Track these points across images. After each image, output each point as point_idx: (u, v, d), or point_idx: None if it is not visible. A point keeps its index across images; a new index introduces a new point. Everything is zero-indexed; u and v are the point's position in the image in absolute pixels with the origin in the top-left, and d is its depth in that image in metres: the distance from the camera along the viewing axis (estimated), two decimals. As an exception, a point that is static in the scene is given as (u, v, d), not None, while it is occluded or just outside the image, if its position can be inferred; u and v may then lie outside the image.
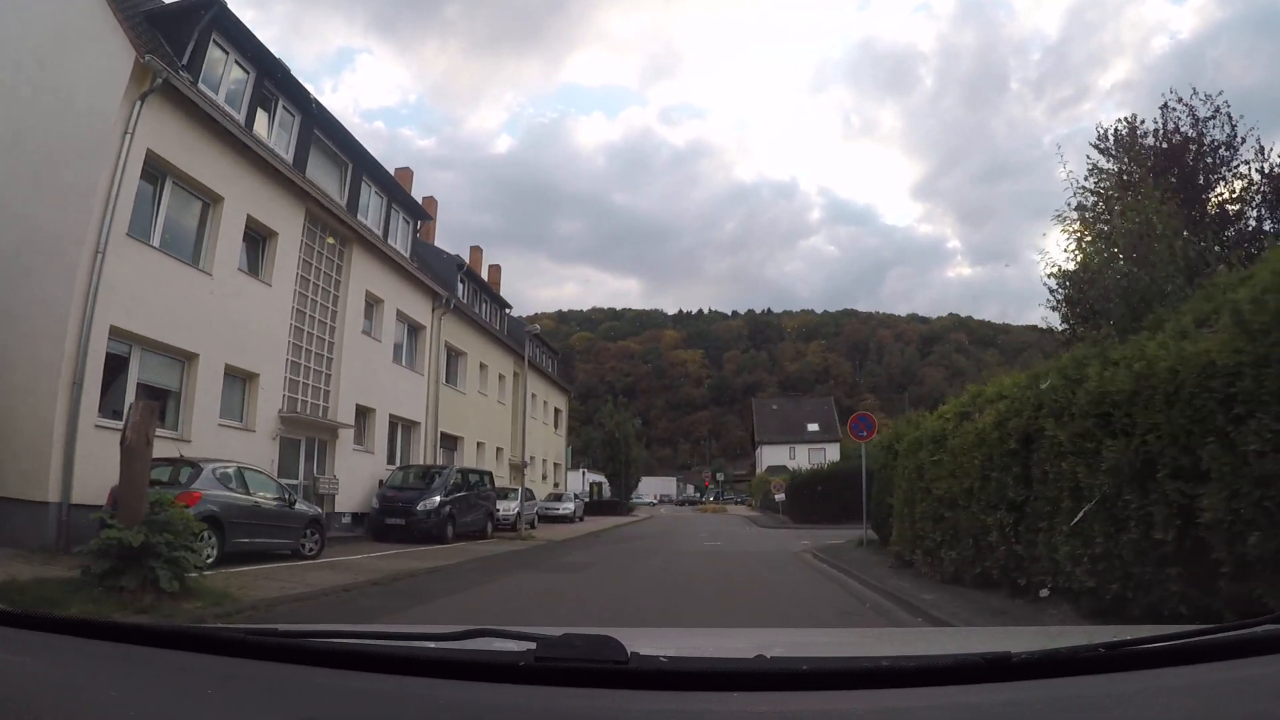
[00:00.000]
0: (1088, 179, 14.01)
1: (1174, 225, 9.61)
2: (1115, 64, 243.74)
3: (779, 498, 33.78)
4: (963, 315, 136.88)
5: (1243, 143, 13.45)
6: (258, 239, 15.50)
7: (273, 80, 15.82)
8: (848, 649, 1.90)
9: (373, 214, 19.80)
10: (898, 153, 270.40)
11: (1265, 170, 13.07)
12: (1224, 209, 13.67)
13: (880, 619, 6.89)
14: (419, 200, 25.56)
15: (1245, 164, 13.36)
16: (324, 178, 17.90)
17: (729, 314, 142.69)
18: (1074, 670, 1.10)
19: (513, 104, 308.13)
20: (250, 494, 10.89)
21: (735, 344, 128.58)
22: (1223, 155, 14.07)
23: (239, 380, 14.63)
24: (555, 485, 37.96)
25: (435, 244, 28.52)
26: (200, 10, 13.41)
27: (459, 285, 25.51)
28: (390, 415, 19.80)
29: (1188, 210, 12.74)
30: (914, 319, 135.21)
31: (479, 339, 26.38)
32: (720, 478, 78.78)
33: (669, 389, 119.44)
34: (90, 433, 10.71)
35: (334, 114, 18.22)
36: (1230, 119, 13.82)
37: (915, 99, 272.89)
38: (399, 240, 21.04)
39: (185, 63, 13.35)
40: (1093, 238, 11.11)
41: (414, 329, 21.59)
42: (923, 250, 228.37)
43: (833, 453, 50.41)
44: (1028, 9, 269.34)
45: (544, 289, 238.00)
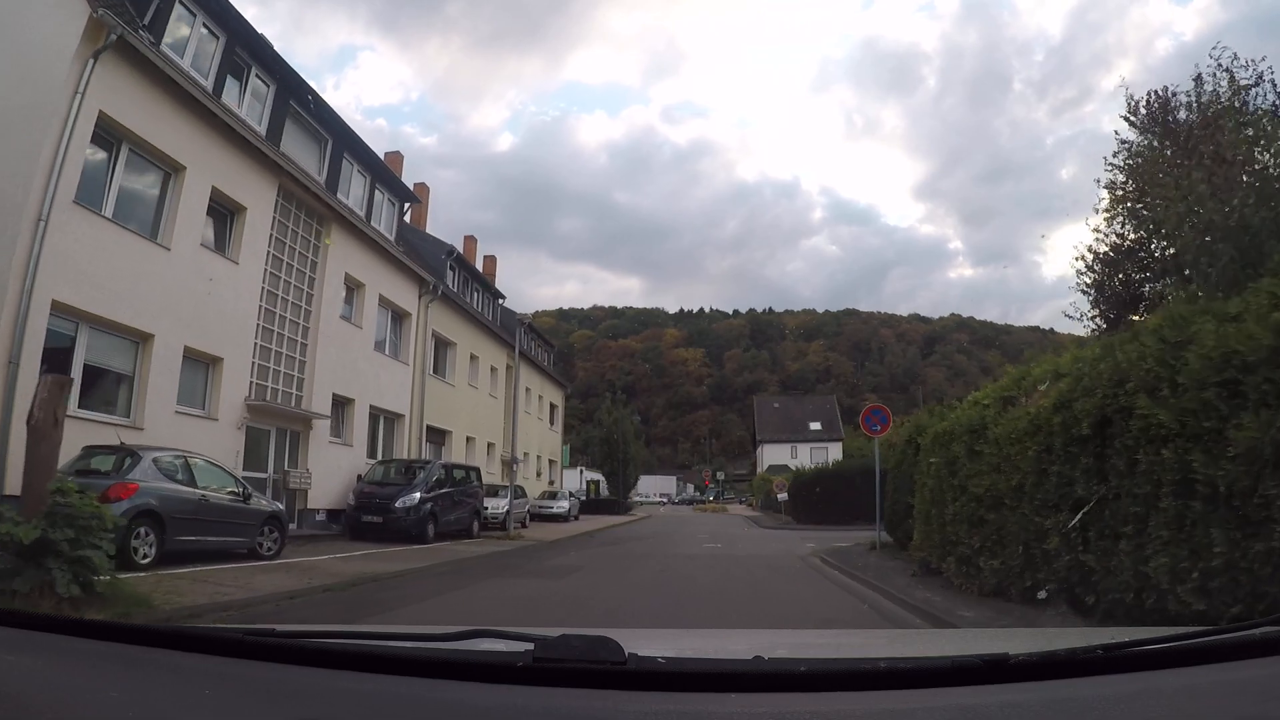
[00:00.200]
0: (1115, 155, 13.82)
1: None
2: (1119, 65, 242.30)
3: (781, 497, 32.68)
4: (965, 315, 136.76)
5: None
6: (225, 214, 14.43)
7: (245, 47, 14.77)
8: (845, 650, 1.84)
9: (354, 194, 18.70)
10: (900, 153, 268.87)
11: None
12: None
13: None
14: (410, 186, 24.51)
15: None
16: (301, 154, 16.81)
17: (730, 313, 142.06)
18: (1072, 672, 1.09)
19: (515, 102, 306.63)
20: (197, 487, 9.77)
21: (736, 343, 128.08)
22: (1265, 128, 13.23)
23: (200, 365, 13.56)
24: (550, 483, 36.88)
25: (430, 235, 27.35)
26: (163, -34, 12.41)
27: (449, 273, 24.39)
28: (371, 406, 18.67)
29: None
30: (916, 319, 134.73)
31: (470, 329, 25.23)
32: (721, 477, 77.61)
33: (669, 388, 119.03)
34: (26, 418, 9.66)
35: (313, 86, 17.13)
36: (1275, 86, 12.94)
37: (918, 99, 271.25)
38: (383, 222, 19.92)
39: (147, 23, 12.49)
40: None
41: (399, 316, 20.44)
42: (924, 251, 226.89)
43: (835, 452, 49.84)
44: (1031, 9, 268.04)
45: (545, 287, 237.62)
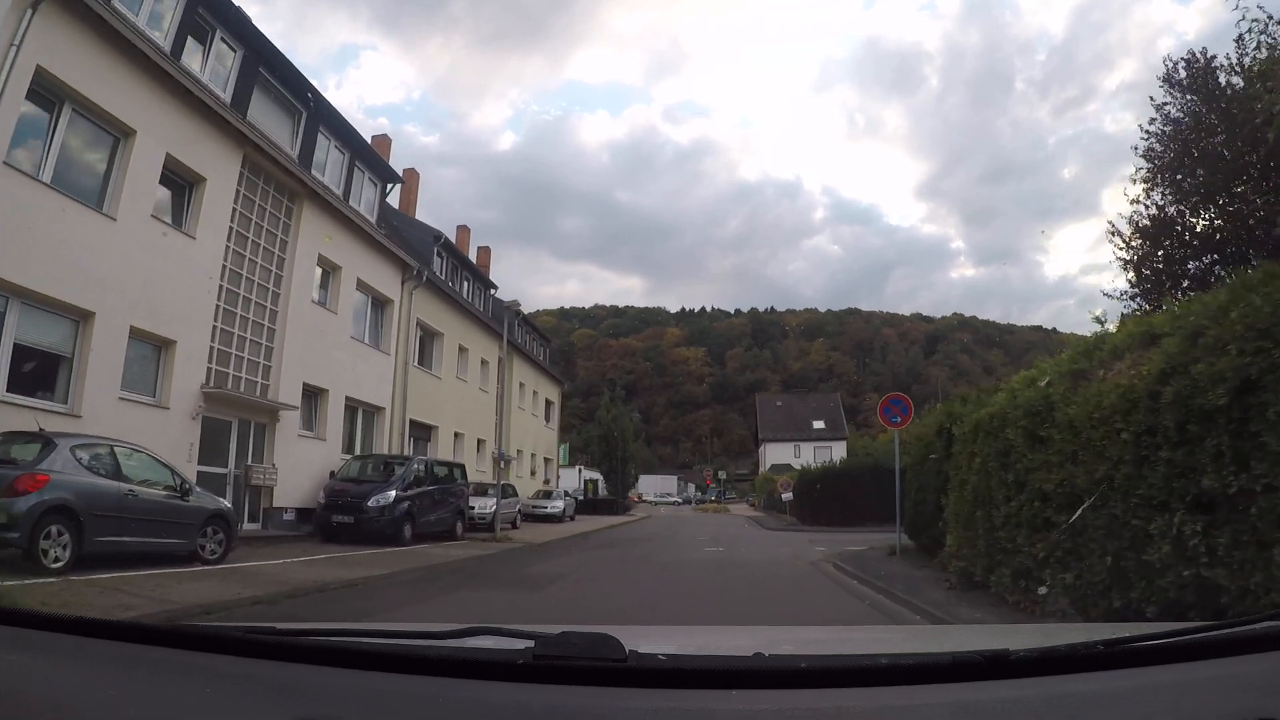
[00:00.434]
0: (1152, 123, 13.41)
1: None
2: (1121, 64, 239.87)
3: (786, 497, 31.36)
4: (967, 315, 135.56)
5: None
6: (182, 184, 13.19)
7: (209, 8, 13.52)
8: (847, 647, 1.80)
9: (331, 170, 17.43)
10: (902, 152, 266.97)
11: None
12: None
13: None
14: (399, 173, 23.26)
15: None
16: (271, 125, 15.53)
17: (731, 312, 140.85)
18: (1072, 668, 1.08)
19: (517, 101, 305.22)
20: (124, 480, 8.51)
21: (738, 342, 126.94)
22: None
23: (150, 347, 12.31)
24: (546, 482, 35.58)
25: (419, 221, 26.04)
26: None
27: (436, 260, 23.11)
28: (347, 398, 17.38)
29: None
30: (918, 318, 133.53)
31: (458, 319, 23.93)
32: (722, 476, 76.20)
33: (671, 387, 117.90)
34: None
35: (285, 53, 15.88)
36: None
37: (920, 98, 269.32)
38: (363, 203, 18.64)
39: (94, -27, 11.19)
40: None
41: (379, 302, 19.14)
42: (926, 250, 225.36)
43: (839, 451, 48.56)
44: (1033, 8, 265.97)
45: (546, 286, 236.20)
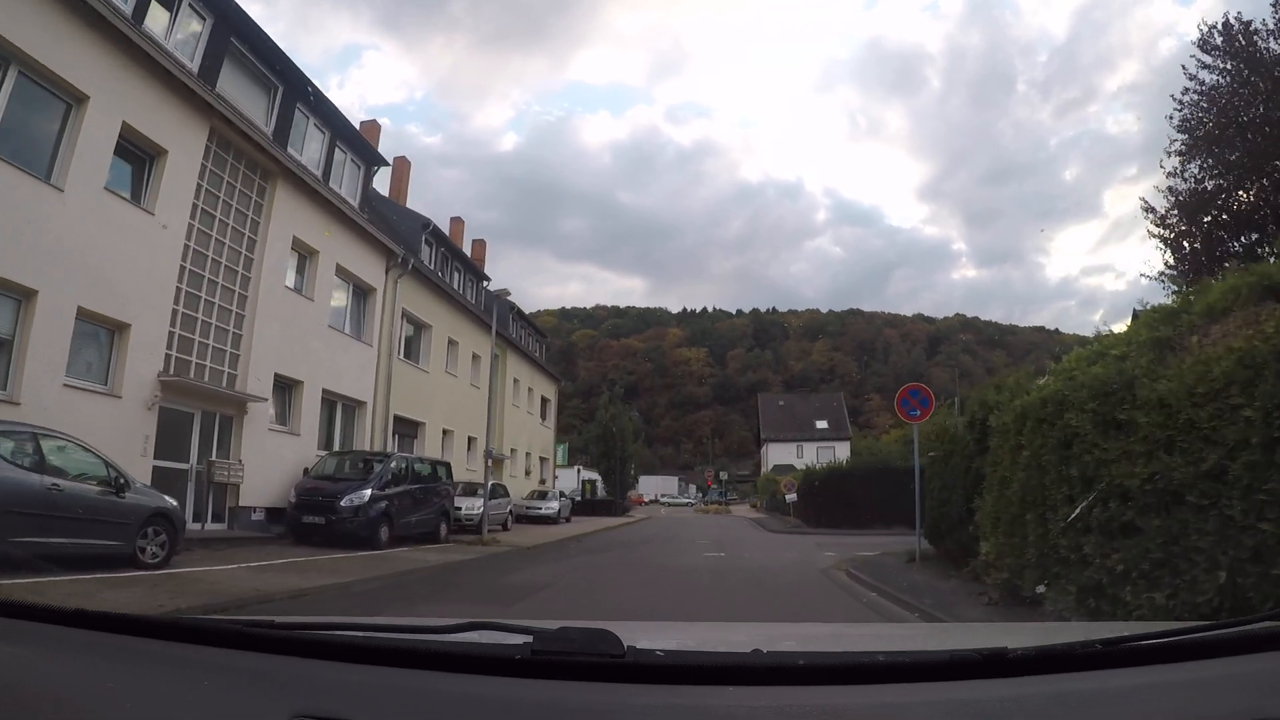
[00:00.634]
0: (1185, 93, 13.08)
1: None
2: (1123, 66, 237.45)
3: (790, 498, 30.29)
4: (969, 316, 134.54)
5: None
6: (141, 156, 12.21)
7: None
8: (845, 644, 1.73)
9: (310, 150, 16.45)
10: (903, 154, 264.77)
11: None
12: None
13: None
14: (389, 161, 22.29)
15: None
16: (244, 99, 14.53)
17: (733, 313, 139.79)
18: (1071, 666, 1.08)
19: (519, 101, 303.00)
20: (47, 473, 7.51)
21: (739, 342, 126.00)
22: None
23: (101, 331, 11.33)
24: (541, 482, 34.54)
25: (409, 209, 25.01)
26: None
27: (424, 248, 22.11)
28: (325, 391, 16.37)
29: None
30: (920, 319, 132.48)
31: (447, 311, 22.92)
32: (723, 477, 75.03)
33: (672, 387, 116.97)
34: None
35: (260, 25, 14.89)
36: None
37: (922, 100, 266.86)
38: (344, 185, 17.64)
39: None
40: None
41: (361, 291, 18.14)
42: (928, 251, 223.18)
43: (842, 451, 47.52)
44: (1035, 9, 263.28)
45: (548, 287, 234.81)
